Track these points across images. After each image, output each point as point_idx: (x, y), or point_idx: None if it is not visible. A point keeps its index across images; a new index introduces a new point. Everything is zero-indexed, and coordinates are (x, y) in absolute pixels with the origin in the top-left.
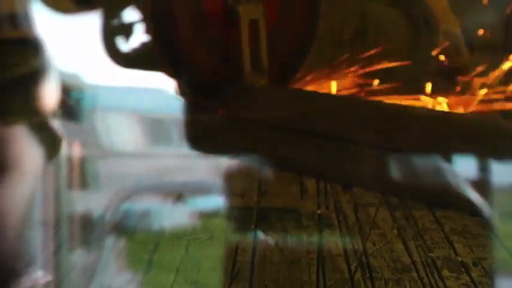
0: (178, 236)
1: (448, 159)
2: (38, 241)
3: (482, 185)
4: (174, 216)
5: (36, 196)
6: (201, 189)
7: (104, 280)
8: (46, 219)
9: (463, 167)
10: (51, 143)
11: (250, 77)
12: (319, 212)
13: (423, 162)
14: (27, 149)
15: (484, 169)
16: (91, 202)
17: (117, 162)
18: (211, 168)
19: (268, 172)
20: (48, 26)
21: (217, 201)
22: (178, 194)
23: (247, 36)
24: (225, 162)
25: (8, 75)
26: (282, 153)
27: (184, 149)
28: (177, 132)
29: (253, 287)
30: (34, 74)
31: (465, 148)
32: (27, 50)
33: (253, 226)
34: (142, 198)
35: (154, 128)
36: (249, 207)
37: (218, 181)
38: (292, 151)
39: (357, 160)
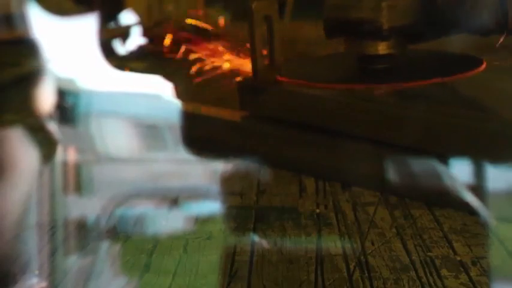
0: (174, 240)
1: (444, 162)
2: (33, 245)
3: (478, 189)
4: (170, 221)
5: (32, 200)
6: (197, 194)
7: (99, 284)
8: (41, 223)
9: (459, 172)
10: (46, 145)
11: (262, 74)
12: (317, 211)
13: (420, 164)
14: (23, 151)
15: (479, 174)
16: (86, 207)
17: (112, 167)
18: (207, 173)
19: (266, 171)
20: (43, 29)
21: (213, 206)
22: (174, 199)
23: (260, 32)
24: (222, 166)
25: (3, 76)
26: (281, 152)
27: (180, 154)
28: (173, 137)
29: (251, 287)
30: (29, 75)
31: (461, 150)
32: (22, 51)
33: (252, 225)
34: (138, 203)
35: (150, 133)
36: (247, 206)
37: (214, 186)
38: (291, 149)
39: (356, 158)
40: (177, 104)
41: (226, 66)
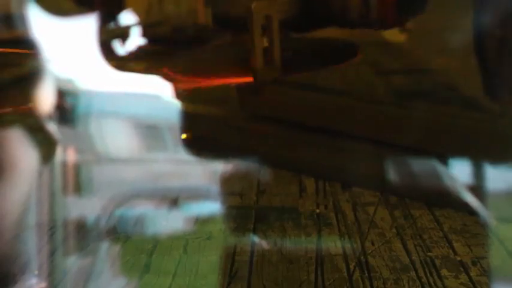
0: (174, 240)
1: (444, 163)
2: (32, 245)
3: (477, 190)
4: (170, 221)
5: (31, 200)
6: (197, 195)
7: (99, 285)
8: (41, 223)
9: (459, 172)
10: (46, 145)
11: (262, 73)
12: (317, 211)
13: (420, 164)
14: (22, 151)
15: (479, 174)
16: (86, 207)
17: (112, 168)
18: (207, 173)
19: (266, 171)
20: (43, 29)
21: (213, 206)
22: (174, 199)
23: (260, 32)
24: (222, 166)
25: (3, 75)
26: (280, 152)
27: (180, 155)
28: (173, 137)
29: (251, 287)
30: (29, 75)
31: (460, 150)
32: (22, 51)
33: (252, 226)
34: (138, 204)
35: (150, 133)
36: (247, 206)
37: (214, 186)
38: (291, 149)
39: (356, 158)
40: (177, 104)
41: None
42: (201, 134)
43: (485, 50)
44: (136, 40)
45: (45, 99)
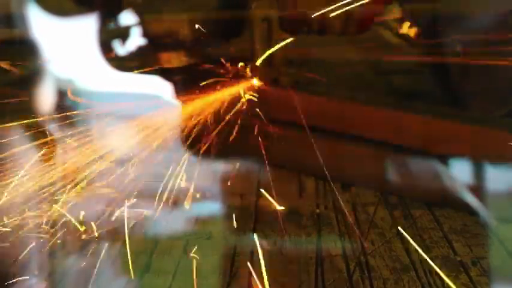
0: (174, 240)
1: (444, 163)
2: (33, 245)
3: (477, 190)
4: (170, 222)
5: (32, 199)
6: (197, 194)
7: (99, 285)
8: (41, 223)
9: (459, 172)
10: (46, 144)
11: (262, 73)
12: (318, 211)
13: (420, 164)
14: (22, 151)
15: (479, 174)
16: (86, 207)
17: (112, 167)
18: (207, 173)
19: (266, 171)
20: (43, 29)
21: (213, 206)
22: (175, 200)
23: (260, 32)
24: (222, 166)
25: (3, 76)
26: (281, 152)
27: (180, 155)
28: (173, 137)
29: (251, 287)
30: (30, 75)
31: (460, 150)
32: (22, 51)
33: (252, 226)
34: (138, 203)
35: (150, 133)
36: (247, 206)
37: (215, 186)
38: (291, 149)
39: (356, 158)
40: (177, 104)
41: None
42: (201, 134)
43: (447, 68)
44: (136, 40)
45: (45, 99)
